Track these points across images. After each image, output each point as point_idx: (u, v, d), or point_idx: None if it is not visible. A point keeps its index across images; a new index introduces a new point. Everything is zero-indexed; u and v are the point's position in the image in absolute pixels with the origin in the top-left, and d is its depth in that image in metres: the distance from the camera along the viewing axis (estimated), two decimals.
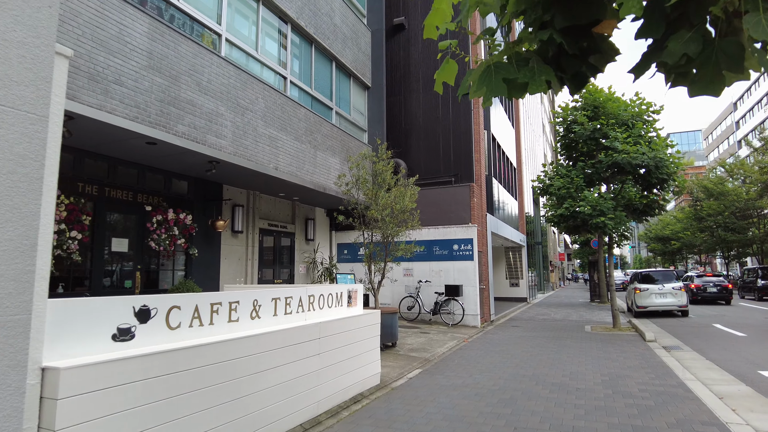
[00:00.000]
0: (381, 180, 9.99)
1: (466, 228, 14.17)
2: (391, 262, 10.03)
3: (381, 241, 10.03)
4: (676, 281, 17.51)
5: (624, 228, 13.19)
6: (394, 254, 9.89)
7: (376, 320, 6.87)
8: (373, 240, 10.23)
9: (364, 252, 14.04)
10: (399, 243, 10.07)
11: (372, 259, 10.11)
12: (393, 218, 9.70)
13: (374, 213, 9.62)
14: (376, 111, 15.58)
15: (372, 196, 9.66)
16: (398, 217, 9.80)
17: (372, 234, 9.97)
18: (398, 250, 9.97)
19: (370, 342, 6.67)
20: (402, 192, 9.93)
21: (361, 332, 6.45)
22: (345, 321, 6.00)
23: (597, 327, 14.10)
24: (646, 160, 12.33)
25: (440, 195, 14.91)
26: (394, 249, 10.01)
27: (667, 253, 66.49)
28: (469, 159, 15.55)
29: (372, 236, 10.06)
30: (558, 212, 13.43)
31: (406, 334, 11.53)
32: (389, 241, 9.96)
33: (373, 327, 6.77)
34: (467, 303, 13.85)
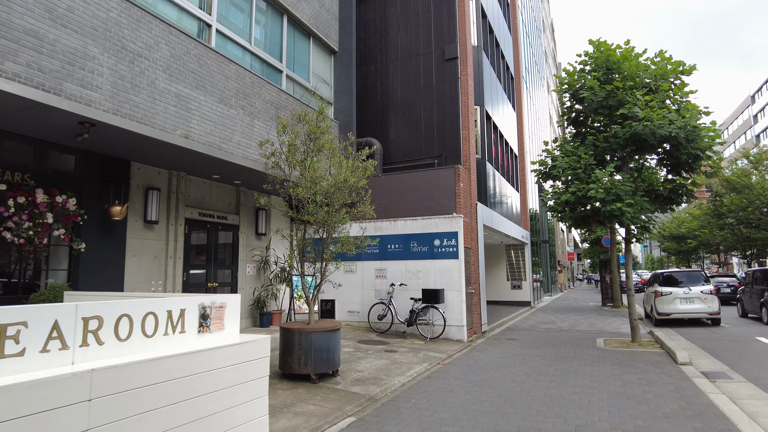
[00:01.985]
0: (315, 147, 7.41)
1: (449, 219, 11.56)
2: (331, 260, 7.44)
3: (320, 231, 7.48)
4: (705, 283, 14.76)
5: (646, 218, 10.48)
6: (335, 251, 7.32)
7: (261, 352, 4.30)
8: (323, 231, 7.67)
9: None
10: (350, 236, 7.50)
11: (304, 255, 7.56)
12: (328, 199, 7.13)
13: (302, 192, 7.05)
14: (345, 80, 13.02)
15: (299, 167, 7.08)
16: (337, 199, 7.23)
17: (305, 223, 7.41)
18: (339, 244, 7.39)
19: (246, 388, 4.10)
20: (342, 162, 7.35)
21: (226, 375, 3.89)
22: (174, 361, 3.43)
23: (612, 341, 11.42)
24: (674, 129, 9.64)
25: (419, 180, 12.32)
26: (340, 243, 7.43)
27: (682, 252, 63.19)
28: (455, 137, 12.94)
29: (305, 226, 7.51)
30: (563, 198, 10.78)
31: (364, 354, 8.95)
32: (329, 233, 7.39)
33: (255, 365, 4.20)
34: (450, 311, 11.24)
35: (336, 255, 7.49)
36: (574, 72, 11.53)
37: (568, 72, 11.53)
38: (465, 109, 12.92)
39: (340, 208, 7.28)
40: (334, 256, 7.42)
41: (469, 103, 13.04)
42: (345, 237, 7.28)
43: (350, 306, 12.54)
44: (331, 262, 7.43)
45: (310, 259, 7.56)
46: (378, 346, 9.87)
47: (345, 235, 7.32)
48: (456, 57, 13.14)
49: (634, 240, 11.49)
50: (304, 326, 6.95)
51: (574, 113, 12.25)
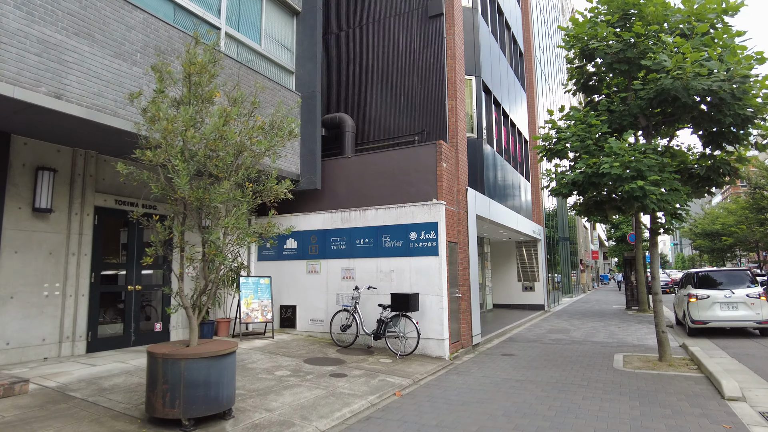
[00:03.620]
0: (194, 94, 5.32)
1: (428, 207, 9.36)
2: (218, 257, 5.37)
3: (191, 212, 5.43)
4: (751, 285, 12.18)
5: (679, 202, 8.06)
6: (218, 244, 5.25)
7: None
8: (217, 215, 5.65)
9: None
10: (247, 223, 5.43)
11: (183, 251, 5.52)
12: (200, 163, 5.05)
13: (159, 155, 4.97)
14: (308, 45, 10.94)
15: (166, 123, 4.99)
16: (218, 167, 5.15)
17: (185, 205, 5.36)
18: (235, 235, 5.34)
19: None
20: (225, 112, 5.24)
21: None
22: None
23: (633, 358, 9.06)
24: (715, 82, 7.26)
25: (395, 161, 10.15)
26: (237, 235, 5.36)
27: (716, 250, 59.20)
28: (440, 109, 10.72)
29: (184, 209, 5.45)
30: (568, 178, 8.47)
31: (298, 381, 6.84)
32: (212, 217, 5.33)
33: None
34: (427, 321, 9.05)
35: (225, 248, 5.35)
36: (585, 22, 9.17)
37: (576, 22, 9.19)
38: (452, 74, 10.69)
39: (224, 180, 5.17)
40: (221, 251, 5.30)
41: (457, 67, 10.81)
42: (234, 222, 5.17)
43: (313, 313, 10.45)
44: (218, 260, 5.30)
45: (188, 256, 5.45)
46: (327, 367, 7.75)
47: (233, 219, 5.20)
48: (441, 13, 10.92)
49: (661, 231, 9.08)
50: (177, 350, 4.88)
51: (584, 76, 9.91)
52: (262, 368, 7.41)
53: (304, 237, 10.82)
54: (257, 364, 7.69)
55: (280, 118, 5.89)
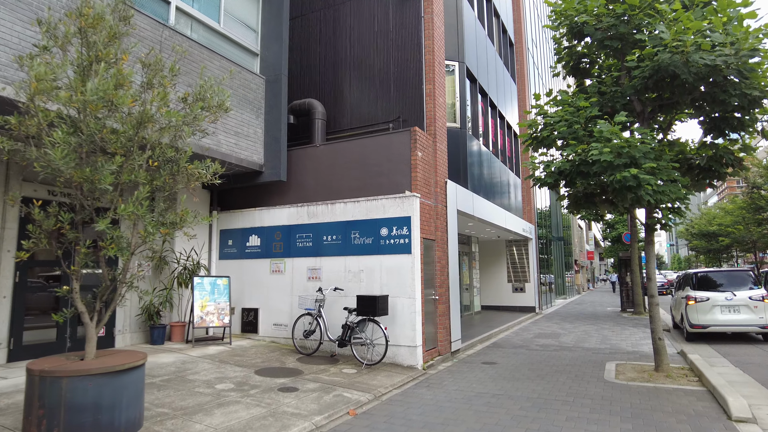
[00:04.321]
0: (81, 56, 4.39)
1: (400, 201, 8.46)
2: (113, 250, 4.45)
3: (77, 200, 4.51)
4: (754, 286, 11.32)
5: (678, 195, 7.14)
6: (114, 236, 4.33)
7: None
8: None
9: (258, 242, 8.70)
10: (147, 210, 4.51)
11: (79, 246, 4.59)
12: (90, 135, 4.14)
13: (29, 124, 4.03)
14: (275, 25, 10.02)
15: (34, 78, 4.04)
16: (106, 137, 4.23)
17: None
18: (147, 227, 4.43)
19: None
20: (119, 74, 4.32)
21: None
22: None
23: (627, 368, 8.17)
24: (719, 57, 6.37)
25: (367, 149, 9.24)
26: (149, 227, 4.45)
27: (713, 251, 58.47)
28: (417, 95, 9.81)
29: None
30: (553, 166, 7.57)
31: (240, 396, 5.91)
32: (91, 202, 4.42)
33: None
34: (399, 326, 8.14)
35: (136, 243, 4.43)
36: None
37: None
38: (429, 56, 9.78)
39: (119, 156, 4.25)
40: (119, 245, 4.38)
41: (436, 49, 9.90)
42: (133, 209, 4.24)
43: (277, 317, 9.53)
44: (116, 254, 4.38)
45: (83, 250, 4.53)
46: (279, 379, 6.82)
47: (131, 205, 4.27)
48: None
49: (658, 227, 8.19)
50: (60, 365, 3.95)
51: (573, 58, 9.02)
52: (202, 380, 6.49)
53: (268, 233, 9.90)
54: (199, 375, 6.76)
55: (207, 89, 4.95)
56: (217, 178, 4.95)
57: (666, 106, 8.35)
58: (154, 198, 4.96)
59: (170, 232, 4.63)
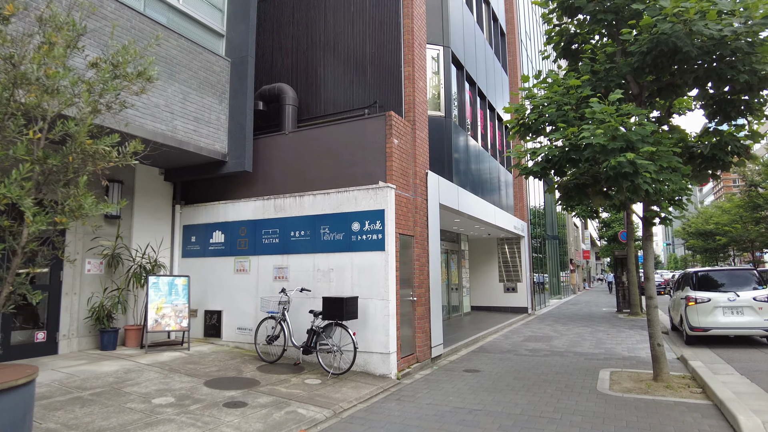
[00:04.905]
0: None
1: (373, 192, 7.67)
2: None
3: None
4: (758, 286, 10.58)
5: (679, 186, 6.35)
6: None
7: None
8: None
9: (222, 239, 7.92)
10: None
11: None
12: None
13: None
14: (241, 3, 9.21)
15: None
16: None
17: None
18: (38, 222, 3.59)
19: None
20: None
21: None
22: None
23: (622, 376, 7.41)
24: (727, 28, 5.61)
25: (339, 137, 8.45)
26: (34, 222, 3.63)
27: (710, 250, 57.91)
28: (395, 79, 9.02)
29: None
30: (541, 152, 6.78)
31: (177, 412, 5.12)
32: None
33: None
34: (370, 330, 7.36)
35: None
36: None
37: None
38: (408, 36, 8.99)
39: None
40: None
41: (416, 29, 9.11)
42: (6, 190, 3.42)
43: (241, 320, 8.72)
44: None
45: None
46: (229, 391, 6.02)
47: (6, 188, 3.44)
48: None
49: (656, 221, 7.42)
50: None
51: (565, 38, 8.25)
52: (140, 394, 5.68)
53: (232, 229, 9.10)
54: (140, 387, 5.96)
55: (121, 53, 4.14)
56: (133, 159, 4.13)
57: (665, 90, 7.60)
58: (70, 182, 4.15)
59: (66, 222, 3.80)
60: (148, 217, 9.34)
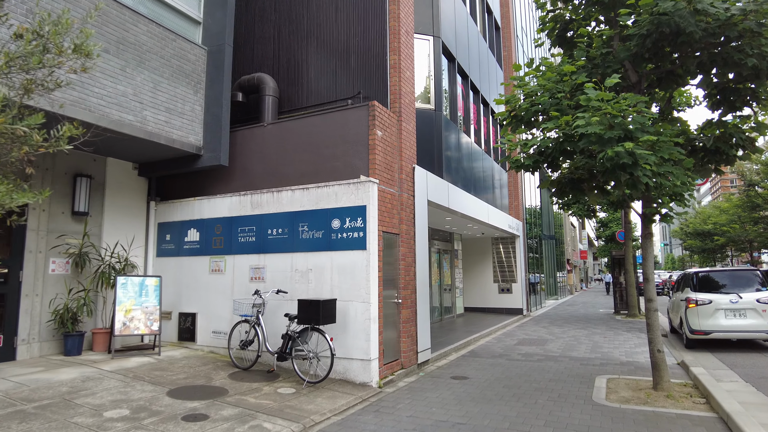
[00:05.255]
0: None
1: (354, 187, 7.18)
2: None
3: None
4: (762, 288, 10.13)
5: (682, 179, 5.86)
6: None
7: None
8: None
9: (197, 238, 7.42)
10: None
11: None
12: None
13: None
14: None
15: None
16: None
17: None
18: None
19: None
20: None
21: None
22: None
23: (620, 384, 6.93)
24: (734, 7, 5.13)
25: (319, 129, 7.96)
26: None
27: (707, 250, 57.56)
28: (380, 68, 8.53)
29: None
30: (533, 144, 6.29)
31: (133, 424, 4.61)
32: None
33: None
34: (350, 336, 6.87)
35: None
36: None
37: None
38: (394, 23, 8.50)
39: None
40: None
41: (402, 15, 8.62)
42: None
43: (217, 324, 8.22)
44: None
45: None
46: (191, 402, 5.51)
47: None
48: None
49: (657, 218, 6.94)
50: None
51: (559, 24, 7.77)
52: (92, 405, 5.18)
53: (207, 227, 8.60)
54: (94, 398, 5.45)
55: (57, 25, 3.64)
56: (64, 143, 3.62)
57: (665, 80, 7.14)
58: None
59: None
60: (120, 213, 8.83)
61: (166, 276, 8.92)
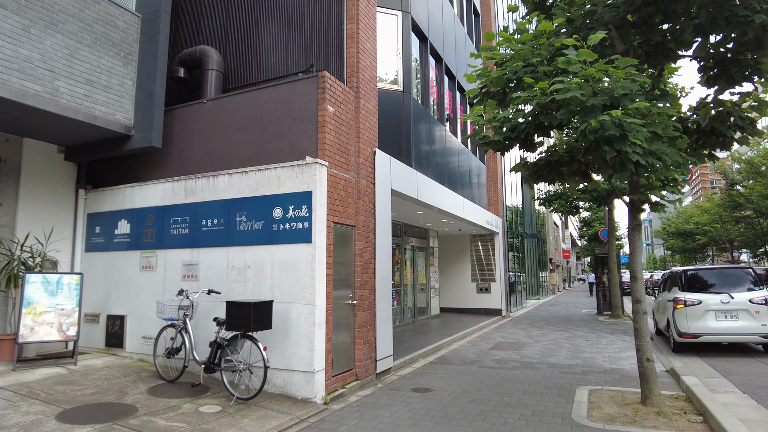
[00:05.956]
0: None
1: (298, 170, 6.18)
2: None
3: None
4: (754, 287, 9.37)
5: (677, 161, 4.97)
6: None
7: None
8: None
9: None
10: None
11: None
12: None
13: None
14: None
15: None
16: None
17: None
18: None
19: None
20: None
21: None
22: None
23: (604, 398, 6.04)
24: None
25: (264, 104, 6.94)
26: None
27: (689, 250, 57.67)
28: (336, 39, 7.54)
29: None
30: (503, 117, 5.35)
31: None
32: None
33: None
34: (291, 343, 5.87)
35: None
36: None
37: None
38: None
39: None
40: None
41: None
42: None
43: (147, 328, 7.15)
44: None
45: None
46: (85, 428, 4.46)
47: None
48: None
49: (646, 207, 6.05)
50: None
51: None
52: None
53: (139, 217, 7.54)
54: None
55: None
56: None
57: (655, 54, 6.29)
58: None
59: None
60: (40, 202, 7.71)
61: (94, 273, 7.84)
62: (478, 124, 5.78)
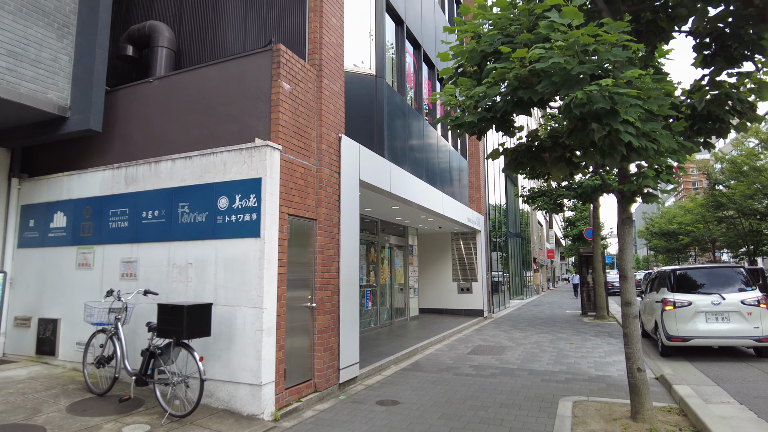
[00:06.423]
0: None
1: (247, 154, 5.44)
2: None
3: None
4: (746, 287, 8.87)
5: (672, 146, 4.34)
6: None
7: None
8: None
9: None
10: None
11: None
12: None
13: None
14: None
15: None
16: None
17: None
18: None
19: None
20: None
21: None
22: None
23: (590, 411, 5.40)
24: None
25: (212, 83, 6.18)
26: None
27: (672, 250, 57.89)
28: (298, 12, 6.81)
29: None
30: (477, 93, 4.68)
31: None
32: None
33: None
34: (237, 352, 5.13)
35: None
36: None
37: None
38: None
39: None
40: None
41: None
42: None
43: (82, 333, 6.35)
44: None
45: None
46: None
47: None
48: None
49: (638, 198, 5.42)
50: None
51: None
52: None
53: (76, 209, 6.74)
54: None
55: None
56: None
57: (647, 33, 5.68)
58: None
59: None
60: None
61: (27, 271, 7.02)
62: (449, 104, 5.09)
